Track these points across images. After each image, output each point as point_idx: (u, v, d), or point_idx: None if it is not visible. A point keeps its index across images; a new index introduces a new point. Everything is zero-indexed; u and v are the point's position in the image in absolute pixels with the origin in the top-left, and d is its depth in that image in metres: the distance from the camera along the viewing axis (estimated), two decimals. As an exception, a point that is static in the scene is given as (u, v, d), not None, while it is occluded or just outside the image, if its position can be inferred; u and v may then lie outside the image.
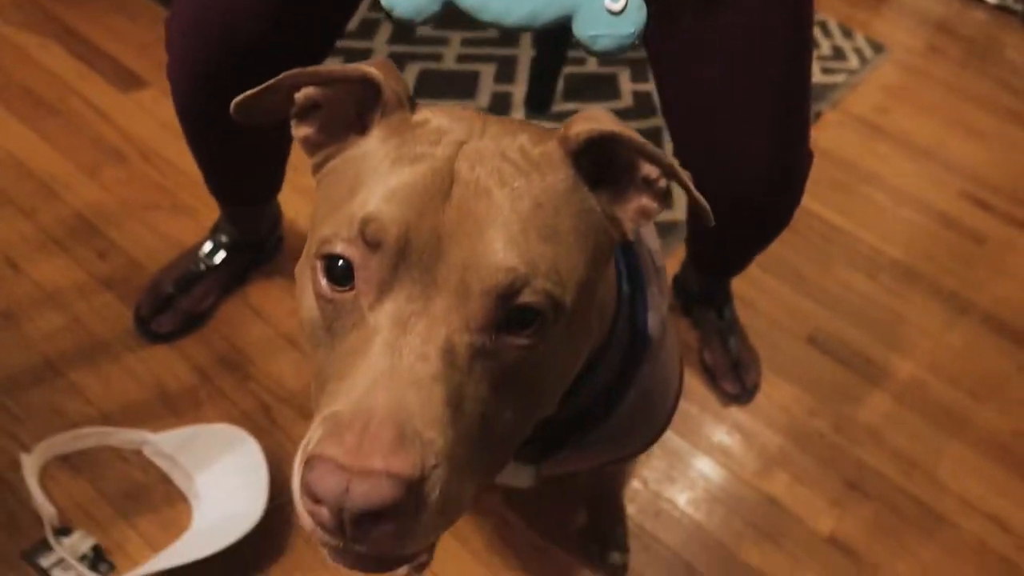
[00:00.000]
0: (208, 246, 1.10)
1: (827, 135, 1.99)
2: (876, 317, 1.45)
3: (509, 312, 0.39)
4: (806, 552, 1.02)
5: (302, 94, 0.46)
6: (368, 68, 0.44)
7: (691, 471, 1.09)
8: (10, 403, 0.93)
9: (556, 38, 1.62)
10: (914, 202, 1.83)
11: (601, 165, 0.45)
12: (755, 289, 1.43)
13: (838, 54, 2.44)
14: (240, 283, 1.14)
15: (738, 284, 1.42)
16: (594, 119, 0.45)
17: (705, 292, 1.24)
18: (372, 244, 0.39)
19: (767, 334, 1.34)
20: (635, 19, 0.41)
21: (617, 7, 0.41)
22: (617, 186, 0.46)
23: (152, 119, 1.41)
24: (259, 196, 1.04)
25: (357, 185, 0.42)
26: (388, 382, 0.36)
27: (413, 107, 0.45)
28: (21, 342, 1.00)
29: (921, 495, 1.14)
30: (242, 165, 0.96)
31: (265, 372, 1.05)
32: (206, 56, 0.78)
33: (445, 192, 0.40)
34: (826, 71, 2.31)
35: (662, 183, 0.46)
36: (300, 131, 0.48)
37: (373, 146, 0.43)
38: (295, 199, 1.31)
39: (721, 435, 1.15)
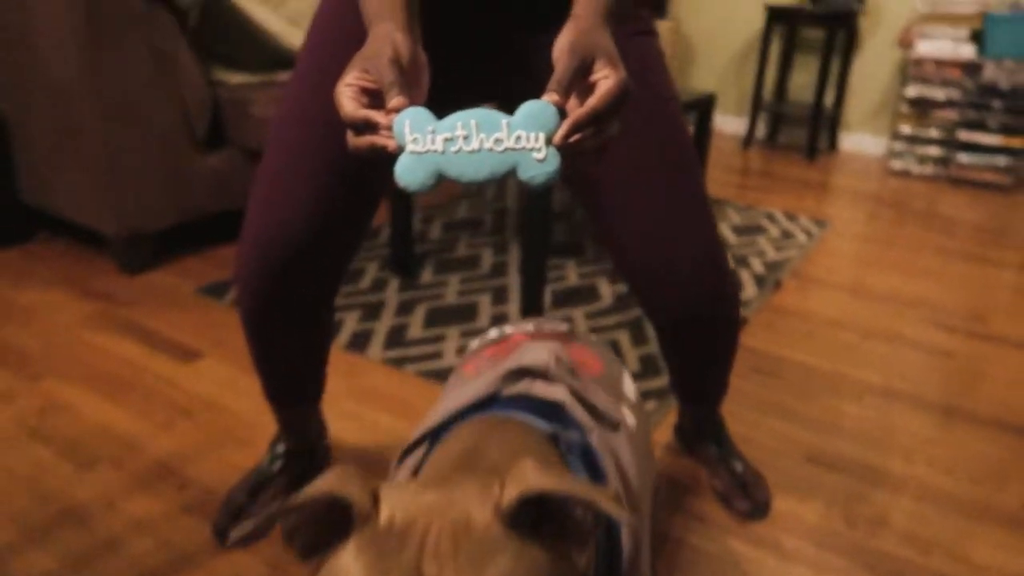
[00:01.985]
0: (268, 458, 1.30)
1: (790, 299, 2.25)
2: (867, 431, 1.60)
3: None
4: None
5: (286, 523, 0.52)
6: (332, 487, 0.50)
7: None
8: (117, 614, 1.08)
9: (538, 258, 1.93)
10: (881, 335, 2.03)
11: (540, 508, 0.52)
12: (750, 428, 1.59)
13: (786, 235, 2.78)
14: (298, 488, 1.33)
15: (733, 426, 1.59)
16: (520, 478, 0.50)
17: (700, 428, 1.41)
18: None
19: (768, 461, 1.48)
20: (553, 162, 0.64)
21: (541, 156, 0.64)
22: (556, 522, 0.52)
23: (211, 381, 1.67)
24: (308, 394, 1.25)
25: None
26: None
27: (378, 502, 0.50)
28: (123, 565, 1.16)
29: (942, 567, 1.22)
30: (294, 362, 1.17)
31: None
32: (266, 265, 1.02)
33: None
34: (779, 248, 2.63)
35: (591, 524, 0.52)
36: (297, 551, 0.53)
37: (348, 562, 0.48)
38: (336, 422, 1.54)
39: (745, 547, 1.26)
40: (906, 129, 3.78)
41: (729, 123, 4.64)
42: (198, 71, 2.16)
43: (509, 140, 0.61)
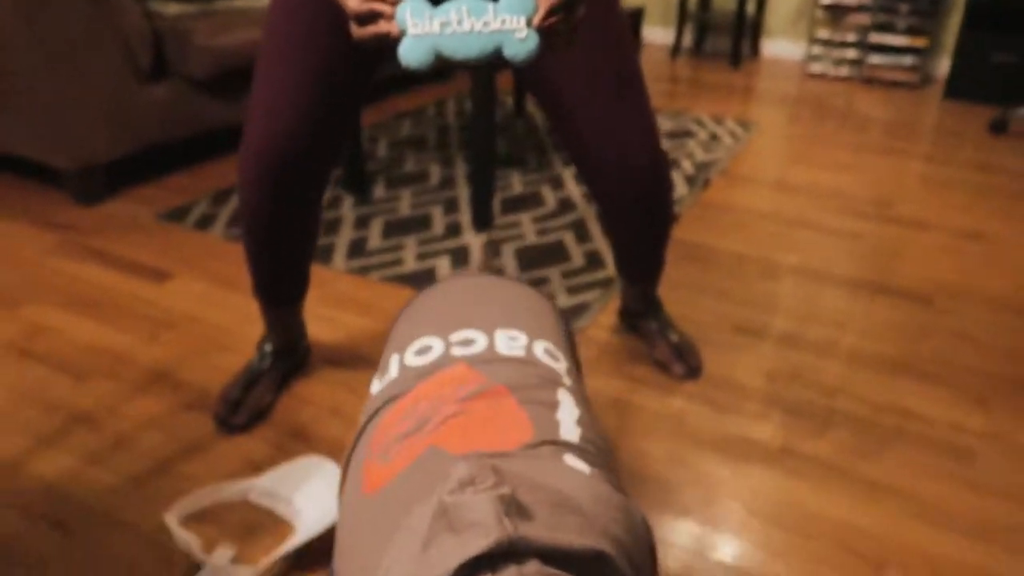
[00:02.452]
0: (257, 356, 1.43)
1: (719, 195, 2.44)
2: (790, 305, 1.81)
3: None
4: (758, 462, 1.31)
5: None
6: None
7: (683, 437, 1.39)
8: (142, 492, 1.21)
9: (486, 168, 2.06)
10: (802, 224, 2.24)
11: None
12: (686, 307, 1.78)
13: (713, 137, 2.95)
14: (286, 384, 1.47)
15: (671, 307, 1.78)
16: None
17: (640, 308, 1.59)
18: None
19: (702, 334, 1.68)
20: (533, 41, 0.76)
21: (522, 36, 0.76)
22: None
23: (186, 297, 1.77)
24: (295, 292, 1.38)
25: None
26: None
27: None
28: (138, 454, 1.29)
29: (845, 406, 1.45)
30: (287, 260, 1.31)
31: (321, 435, 1.34)
32: (266, 171, 1.16)
33: None
34: (707, 150, 2.80)
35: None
36: None
37: None
38: (311, 324, 1.67)
39: (682, 403, 1.46)
40: (823, 34, 3.97)
41: (657, 34, 4.76)
42: (135, 5, 2.16)
43: (495, 23, 0.74)
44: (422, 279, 1.86)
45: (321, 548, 1.12)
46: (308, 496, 1.14)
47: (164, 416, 1.38)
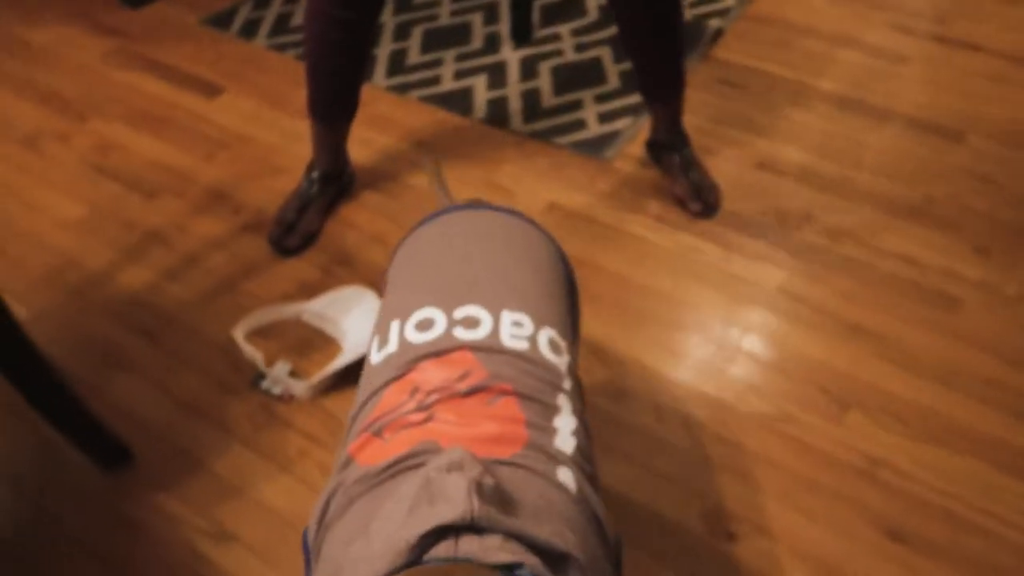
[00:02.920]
0: (306, 182, 1.58)
1: (767, 6, 2.35)
2: (815, 140, 1.84)
3: None
4: (762, 302, 1.46)
5: None
6: None
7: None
8: (213, 306, 1.42)
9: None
10: (845, 42, 2.18)
11: None
12: (710, 138, 1.83)
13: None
14: (334, 207, 1.62)
15: (695, 137, 1.83)
16: None
17: (666, 139, 1.66)
18: None
19: (722, 168, 1.75)
20: None
21: None
22: None
23: (236, 114, 1.88)
24: (348, 109, 1.51)
25: None
26: None
27: None
28: (206, 272, 1.49)
29: (847, 252, 1.55)
30: (344, 76, 1.45)
31: (364, 261, 1.52)
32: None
33: None
34: (765, -52, 2.62)
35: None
36: None
37: None
38: (352, 148, 1.78)
39: (694, 240, 1.58)
40: None
41: None
42: None
43: None
44: (459, 100, 1.92)
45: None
46: (353, 321, 1.34)
47: (226, 236, 1.56)
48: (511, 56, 2.09)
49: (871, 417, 1.28)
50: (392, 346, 0.71)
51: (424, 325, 0.71)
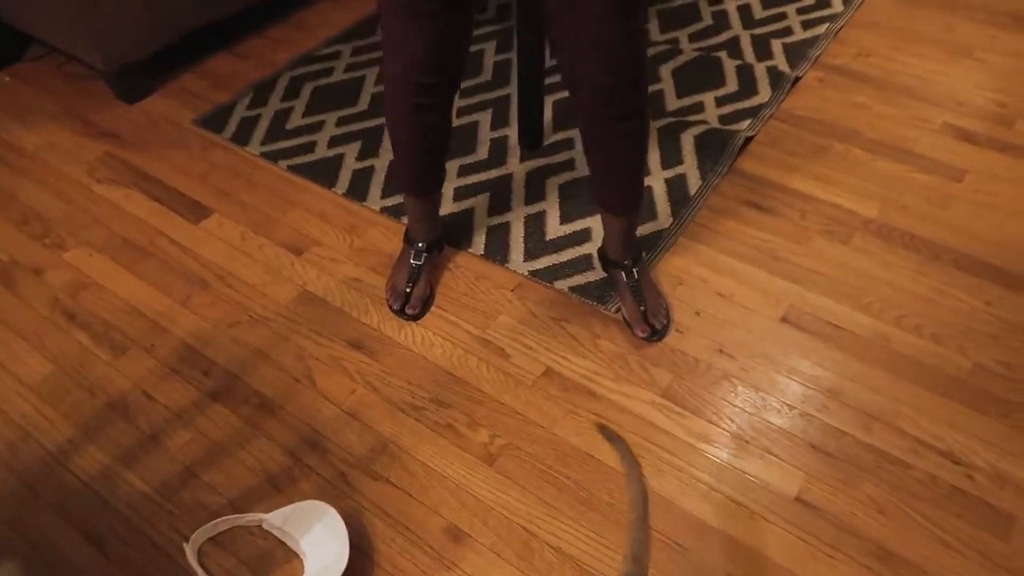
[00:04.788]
0: (412, 254, 1.62)
1: (804, 99, 2.14)
2: (847, 282, 1.65)
3: None
4: (776, 512, 1.28)
5: None
6: None
7: (680, 449, 1.36)
8: (169, 505, 1.31)
9: (535, 73, 1.85)
10: (891, 151, 1.96)
11: None
12: (731, 279, 1.65)
13: (820, 0, 2.53)
14: (438, 272, 1.68)
15: (714, 278, 1.65)
16: None
17: (616, 254, 1.56)
18: None
19: (742, 324, 1.57)
20: None
21: None
22: None
23: (220, 242, 1.76)
24: (439, 178, 1.55)
25: None
26: None
27: None
28: (167, 457, 1.38)
29: (878, 444, 1.37)
30: (431, 150, 1.48)
31: (337, 444, 1.39)
32: (406, 88, 1.35)
33: None
34: (807, 24, 2.42)
35: None
36: None
37: None
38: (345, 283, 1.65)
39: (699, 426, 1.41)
40: None
41: None
42: None
43: None
44: (460, 224, 1.78)
45: (323, 589, 1.20)
46: (314, 541, 1.21)
47: (192, 408, 1.45)
48: (517, 168, 1.93)
49: None
50: None
51: None
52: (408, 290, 1.60)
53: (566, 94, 2.15)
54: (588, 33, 1.17)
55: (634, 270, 1.55)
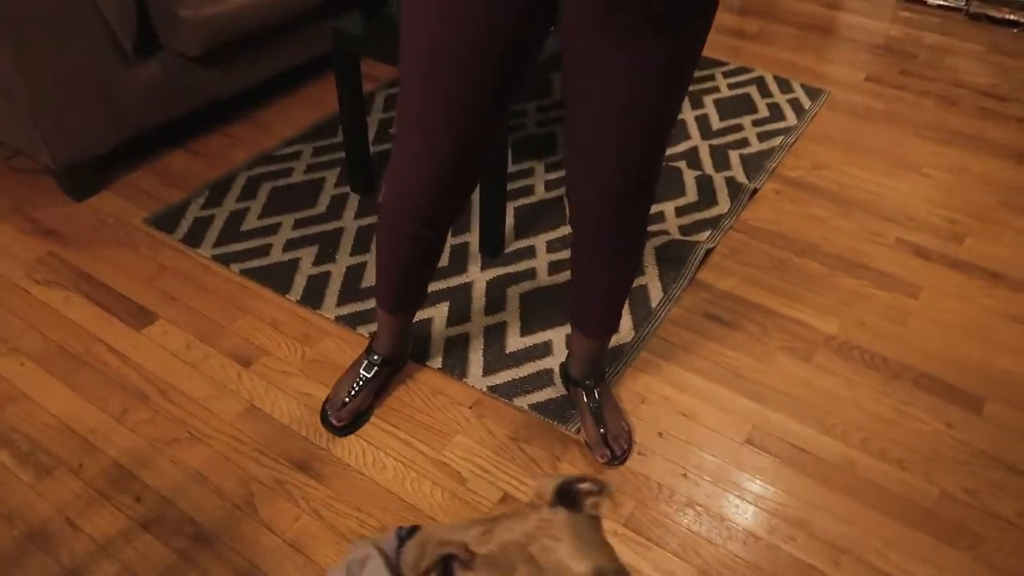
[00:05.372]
0: (366, 363, 1.55)
1: (763, 211, 2.16)
2: (810, 402, 1.62)
3: None
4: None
5: None
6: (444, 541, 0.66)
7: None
8: (85, 652, 1.19)
9: (498, 188, 1.83)
10: (846, 266, 1.98)
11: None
12: (694, 398, 1.62)
13: (775, 113, 2.61)
14: (385, 391, 1.60)
15: (677, 396, 1.61)
16: (550, 480, 0.69)
17: (580, 376, 1.52)
18: None
19: (707, 446, 1.53)
20: None
21: None
22: None
23: (163, 351, 1.68)
24: (417, 300, 1.47)
25: None
26: None
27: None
28: (86, 594, 1.26)
29: (849, 582, 1.31)
30: (417, 272, 1.39)
31: (279, 580, 1.28)
32: (414, 206, 1.23)
33: None
34: (763, 137, 2.48)
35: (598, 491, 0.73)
36: None
37: None
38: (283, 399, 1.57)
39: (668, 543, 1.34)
40: (930, -47, 3.39)
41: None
42: (113, -28, 1.91)
43: None
44: (417, 338, 1.72)
45: None
46: None
47: (119, 539, 1.34)
48: (478, 276, 1.90)
49: None
50: None
51: None
52: (346, 400, 1.52)
53: (528, 200, 2.15)
54: (617, 151, 1.09)
55: (596, 390, 1.51)
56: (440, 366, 1.66)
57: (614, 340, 1.73)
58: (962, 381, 1.69)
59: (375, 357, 1.56)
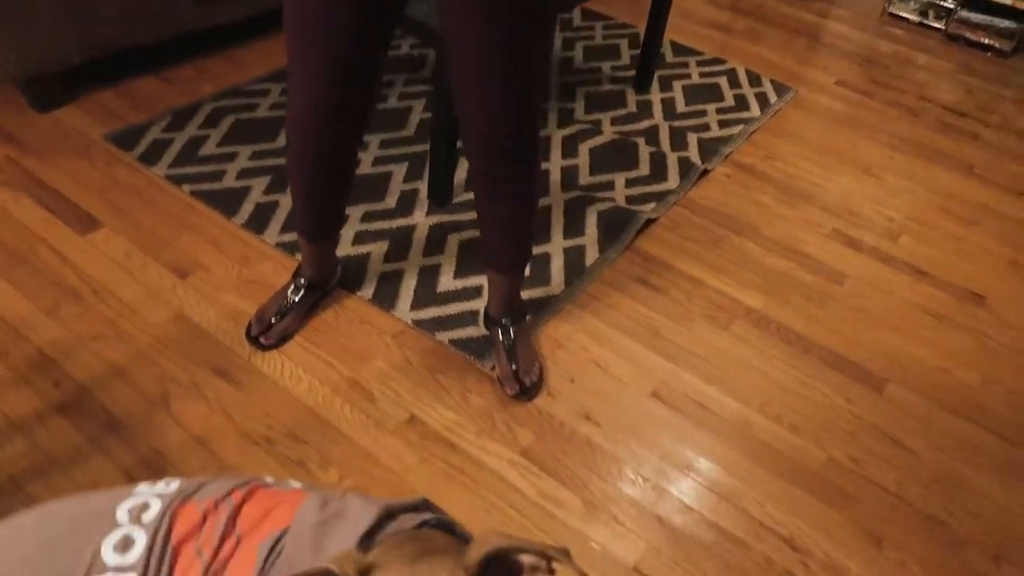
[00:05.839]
0: (292, 287, 1.61)
1: (710, 191, 2.23)
2: (720, 366, 1.69)
3: None
4: (614, 583, 1.27)
5: None
6: (328, 564, 0.59)
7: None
8: (-16, 514, 1.24)
9: (448, 137, 1.89)
10: (782, 250, 2.05)
11: (508, 567, 0.61)
12: (610, 351, 1.68)
13: (740, 104, 2.67)
14: (312, 313, 1.65)
15: (594, 347, 1.67)
16: (482, 542, 0.59)
17: (498, 313, 1.58)
18: None
19: (613, 395, 1.59)
20: None
21: None
22: None
23: (104, 257, 1.72)
24: (332, 229, 1.55)
25: None
26: None
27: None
28: (-6, 464, 1.31)
29: (722, 523, 1.38)
30: (328, 199, 1.47)
31: (179, 470, 1.34)
32: (309, 131, 1.32)
33: None
34: (724, 124, 2.54)
35: (544, 564, 0.61)
36: None
37: None
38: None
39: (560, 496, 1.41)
40: (915, -29, 3.46)
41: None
42: None
43: None
44: (354, 268, 1.78)
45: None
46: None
47: (34, 418, 1.39)
48: (422, 221, 1.95)
49: None
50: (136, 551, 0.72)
51: (123, 545, 0.73)
52: (273, 321, 1.58)
53: (482, 158, 2.21)
54: (480, 82, 1.19)
55: (511, 329, 1.57)
56: (370, 297, 1.72)
57: (543, 291, 1.79)
58: (869, 363, 1.75)
59: (301, 281, 1.62)
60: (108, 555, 0.73)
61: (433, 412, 1.50)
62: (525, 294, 1.78)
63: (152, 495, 0.78)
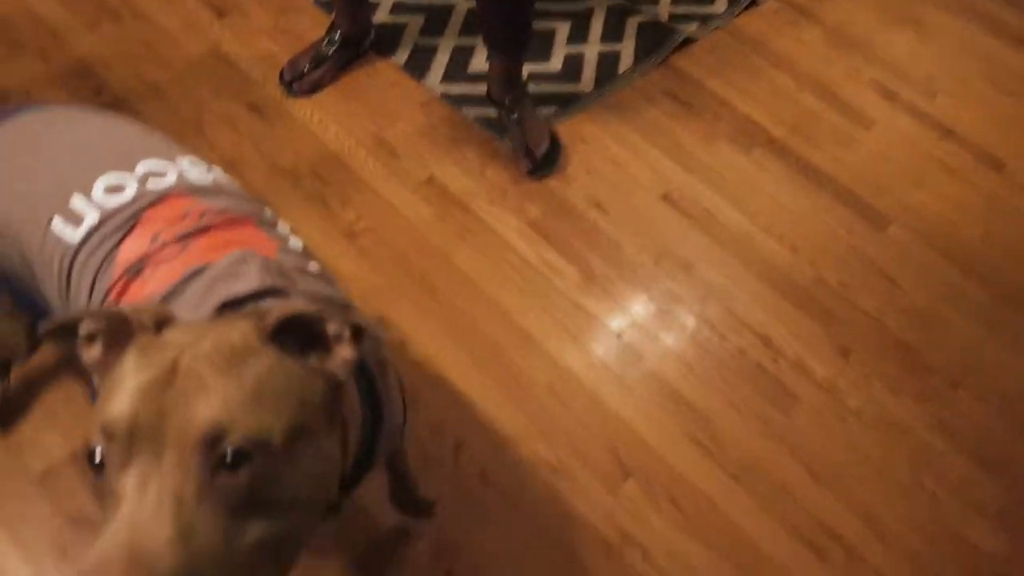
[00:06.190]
0: (326, 40, 1.63)
1: (754, 24, 2.18)
2: (735, 184, 1.73)
3: (222, 456, 0.51)
4: (596, 340, 1.37)
5: (84, 328, 0.60)
6: (120, 309, 0.59)
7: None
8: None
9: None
10: (817, 88, 2.04)
11: (308, 335, 0.60)
12: (629, 152, 1.71)
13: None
14: (345, 71, 1.67)
15: (614, 146, 1.71)
16: (283, 306, 0.58)
17: (499, 95, 1.59)
18: (108, 436, 0.51)
19: (626, 190, 1.64)
20: None
21: None
22: (321, 346, 0.60)
23: (146, -17, 1.73)
24: None
25: (106, 394, 0.55)
26: (126, 529, 0.48)
27: (162, 327, 0.58)
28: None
29: (707, 313, 1.47)
30: None
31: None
32: None
33: (169, 382, 0.53)
34: (782, -42, 2.43)
35: (347, 334, 0.60)
36: (87, 355, 0.61)
37: (127, 362, 0.56)
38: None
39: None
40: None
41: None
42: None
43: None
44: (389, 38, 1.78)
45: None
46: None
47: (73, 118, 1.45)
48: (461, 2, 1.93)
49: (648, 493, 1.22)
50: (91, 217, 0.77)
51: (114, 189, 0.78)
52: (306, 70, 1.61)
53: None
54: None
55: (516, 107, 1.59)
56: (403, 64, 1.73)
57: (571, 87, 1.81)
58: (878, 203, 1.79)
59: (336, 35, 1.63)
60: (98, 191, 0.78)
61: (452, 176, 1.56)
62: (552, 87, 1.80)
63: (178, 171, 0.81)
